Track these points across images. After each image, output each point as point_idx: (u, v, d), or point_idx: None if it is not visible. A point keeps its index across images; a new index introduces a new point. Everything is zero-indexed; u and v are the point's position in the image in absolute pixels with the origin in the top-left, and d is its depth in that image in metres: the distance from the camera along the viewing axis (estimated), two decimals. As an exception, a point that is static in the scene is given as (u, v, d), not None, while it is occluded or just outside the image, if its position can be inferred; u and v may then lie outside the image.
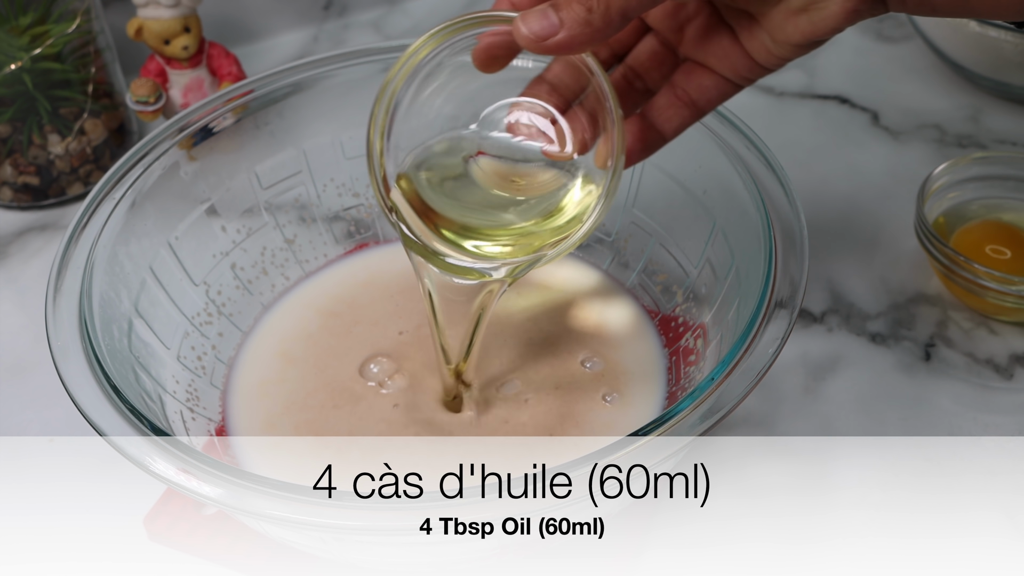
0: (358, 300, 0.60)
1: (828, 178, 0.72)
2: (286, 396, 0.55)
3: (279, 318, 0.59)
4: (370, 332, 0.58)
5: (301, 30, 0.87)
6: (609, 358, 0.56)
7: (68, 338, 0.47)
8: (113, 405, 0.44)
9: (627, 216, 0.60)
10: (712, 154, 0.54)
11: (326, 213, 0.62)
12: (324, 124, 0.60)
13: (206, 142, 0.57)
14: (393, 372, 0.55)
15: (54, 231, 0.71)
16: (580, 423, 0.53)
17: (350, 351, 0.57)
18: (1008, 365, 0.60)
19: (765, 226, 0.50)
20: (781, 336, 0.45)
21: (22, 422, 0.59)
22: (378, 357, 0.56)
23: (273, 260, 0.61)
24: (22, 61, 0.67)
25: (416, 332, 0.57)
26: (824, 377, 0.60)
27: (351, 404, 0.54)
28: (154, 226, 0.55)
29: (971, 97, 0.78)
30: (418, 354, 0.56)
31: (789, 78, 0.80)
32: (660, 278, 0.59)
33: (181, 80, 0.71)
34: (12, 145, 0.71)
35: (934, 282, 0.64)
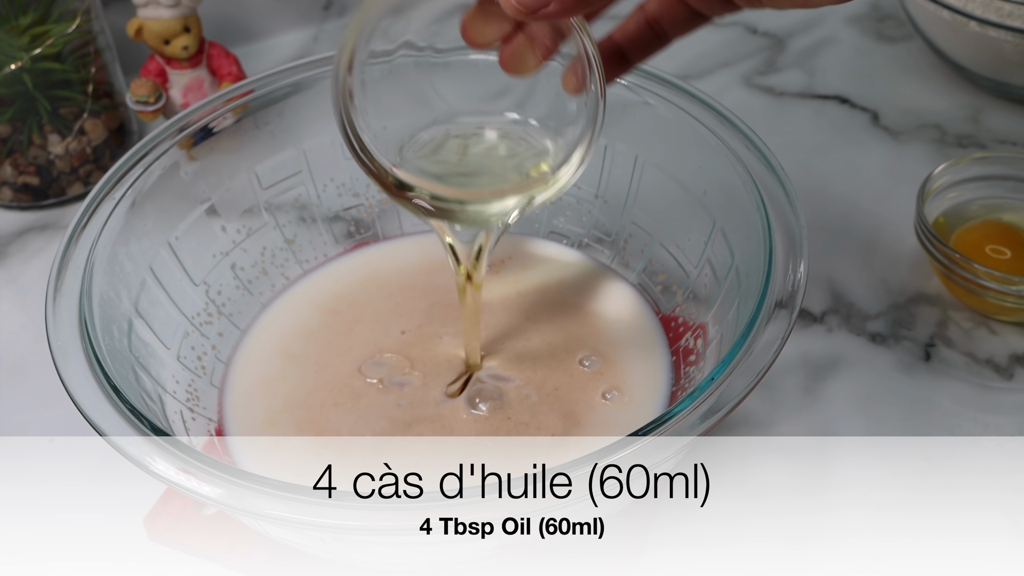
0: (358, 298, 0.60)
1: (828, 178, 0.72)
2: (286, 394, 0.55)
3: (278, 315, 0.59)
4: (372, 330, 0.58)
5: (301, 30, 0.87)
6: (609, 356, 0.56)
7: (68, 338, 0.47)
8: (113, 405, 0.44)
9: (627, 216, 0.60)
10: (712, 154, 0.54)
11: (326, 213, 0.62)
12: (324, 124, 0.60)
13: (206, 142, 0.57)
14: (396, 371, 0.56)
15: (54, 231, 0.71)
16: (581, 422, 0.53)
17: (352, 350, 0.57)
18: (1008, 365, 0.60)
19: (765, 226, 0.50)
20: (781, 336, 0.45)
21: (22, 422, 0.59)
22: (381, 356, 0.56)
23: (273, 260, 0.61)
24: (22, 61, 0.67)
25: (419, 331, 0.57)
26: (824, 377, 0.60)
27: (352, 402, 0.54)
28: (154, 226, 0.55)
29: (971, 97, 0.78)
30: (422, 354, 0.56)
31: (789, 78, 0.80)
32: (660, 278, 0.59)
33: (181, 80, 0.71)
34: (12, 145, 0.71)
35: (934, 282, 0.64)
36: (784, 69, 0.81)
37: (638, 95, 0.57)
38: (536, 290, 0.60)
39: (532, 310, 0.59)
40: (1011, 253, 0.62)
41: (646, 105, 0.57)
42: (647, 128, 0.58)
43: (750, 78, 0.81)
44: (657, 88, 0.57)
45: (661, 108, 0.57)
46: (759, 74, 0.81)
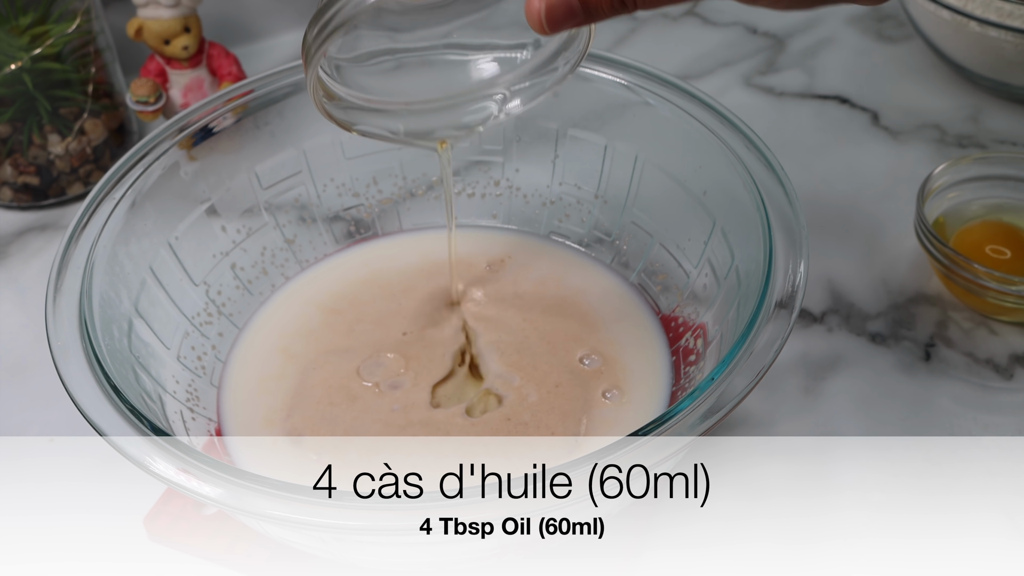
0: (360, 297, 0.60)
1: (828, 178, 0.72)
2: (285, 393, 0.55)
3: (276, 312, 0.59)
4: (373, 331, 0.58)
5: (301, 30, 0.87)
6: (609, 355, 0.56)
7: (68, 338, 0.47)
8: (113, 405, 0.44)
9: (627, 216, 0.60)
10: (712, 154, 0.54)
11: (326, 213, 0.62)
12: (324, 124, 0.60)
13: (206, 142, 0.57)
14: (397, 372, 0.55)
15: (54, 231, 0.71)
16: (581, 421, 0.53)
17: (351, 349, 0.57)
18: (1008, 365, 0.60)
19: (765, 226, 0.50)
20: (781, 336, 0.45)
21: (22, 422, 0.59)
22: (381, 356, 0.56)
23: (273, 260, 0.61)
24: (22, 61, 0.67)
25: (420, 333, 0.57)
26: (824, 377, 0.60)
27: (350, 402, 0.54)
28: (154, 226, 0.55)
29: (971, 97, 0.78)
30: (422, 353, 0.56)
31: (789, 78, 0.80)
32: (660, 278, 0.59)
33: (181, 80, 0.71)
34: (12, 145, 0.71)
35: (934, 282, 0.64)
36: (784, 69, 0.81)
37: (638, 95, 0.57)
38: (536, 289, 0.60)
39: (531, 309, 0.59)
40: (1011, 253, 0.62)
41: (646, 105, 0.57)
42: (647, 128, 0.58)
43: (750, 78, 0.81)
44: (657, 88, 0.57)
45: (661, 108, 0.57)
46: (759, 74, 0.81)
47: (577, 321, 0.58)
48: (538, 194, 0.63)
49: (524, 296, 0.59)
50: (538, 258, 0.62)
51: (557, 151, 0.62)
